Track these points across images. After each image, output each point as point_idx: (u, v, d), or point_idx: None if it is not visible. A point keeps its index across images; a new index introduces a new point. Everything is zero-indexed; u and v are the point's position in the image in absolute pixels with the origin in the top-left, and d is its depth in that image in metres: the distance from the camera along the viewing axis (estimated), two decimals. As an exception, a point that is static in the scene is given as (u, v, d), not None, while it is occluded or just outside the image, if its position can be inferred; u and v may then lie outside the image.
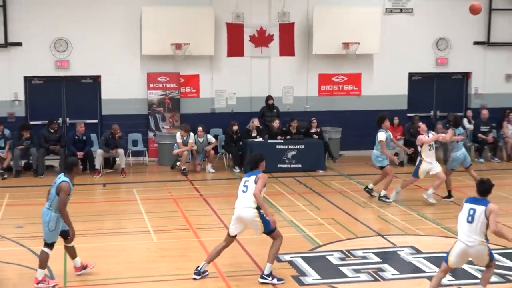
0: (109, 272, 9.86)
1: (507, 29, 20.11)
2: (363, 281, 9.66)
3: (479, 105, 19.90)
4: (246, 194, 9.39)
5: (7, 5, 17.42)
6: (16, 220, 13.10)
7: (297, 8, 19.04)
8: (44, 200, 9.65)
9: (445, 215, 13.24)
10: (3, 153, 16.84)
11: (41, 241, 10.05)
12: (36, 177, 16.94)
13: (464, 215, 8.51)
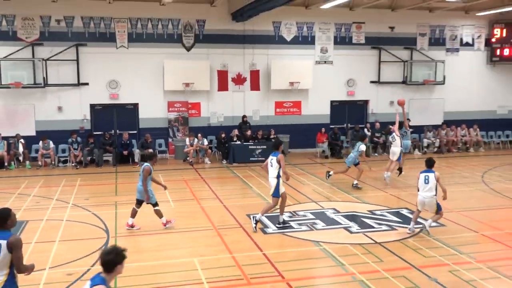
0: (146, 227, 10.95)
1: (390, 74, 22.27)
2: (304, 230, 10.79)
3: (374, 120, 21.99)
4: (272, 167, 10.72)
5: (79, 58, 19.03)
6: (85, 194, 14.16)
7: (261, 61, 20.79)
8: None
9: (353, 189, 14.95)
10: (76, 152, 18.35)
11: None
12: (97, 168, 18.29)
13: (422, 180, 10.31)
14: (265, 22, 20.75)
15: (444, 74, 22.76)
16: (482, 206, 13.27)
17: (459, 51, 23.50)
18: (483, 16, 23.32)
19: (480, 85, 23.94)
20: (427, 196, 10.47)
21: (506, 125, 24.16)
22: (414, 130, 21.89)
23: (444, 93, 23.28)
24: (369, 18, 21.98)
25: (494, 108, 24.28)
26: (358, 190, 14.82)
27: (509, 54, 23.57)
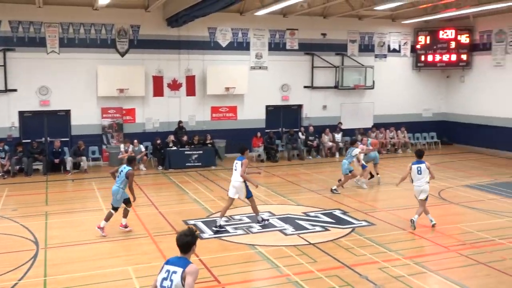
0: (78, 237, 10.75)
1: (323, 79, 22.75)
2: (239, 234, 10.84)
3: (308, 124, 22.28)
4: (236, 171, 11.08)
5: (7, 64, 18.26)
6: (13, 205, 13.64)
7: (197, 66, 20.64)
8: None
9: (289, 191, 15.18)
10: (4, 161, 17.64)
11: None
12: (26, 177, 17.54)
13: (415, 171, 11.20)
14: (200, 28, 20.71)
15: (374, 79, 23.54)
16: (410, 204, 13.75)
17: (387, 57, 24.36)
18: (409, 24, 24.30)
19: (407, 90, 24.92)
20: (422, 184, 11.24)
21: (431, 127, 25.24)
22: (346, 133, 22.72)
23: (374, 97, 24.06)
24: (302, 25, 22.39)
25: (420, 111, 25.34)
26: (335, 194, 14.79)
27: (432, 60, 24.71)
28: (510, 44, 22.32)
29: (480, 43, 23.87)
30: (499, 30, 22.84)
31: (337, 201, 14.11)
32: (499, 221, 12.19)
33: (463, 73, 24.80)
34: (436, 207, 13.51)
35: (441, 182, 16.35)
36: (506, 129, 22.42)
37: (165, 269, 5.17)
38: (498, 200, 14.18)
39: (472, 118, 24.26)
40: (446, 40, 24.43)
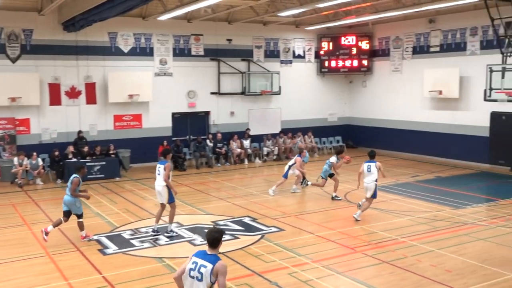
0: None
1: (229, 85, 22.96)
2: (146, 247, 10.68)
3: (215, 131, 22.33)
4: (160, 176, 11.24)
5: None
6: None
7: (97, 73, 20.10)
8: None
9: (197, 200, 15.15)
10: None
11: None
12: None
13: (365, 169, 12.46)
14: (99, 33, 20.15)
15: (280, 84, 24.08)
16: (317, 208, 14.25)
17: (292, 63, 25.02)
18: (312, 31, 25.15)
19: (312, 95, 25.74)
20: (370, 181, 12.47)
21: (336, 131, 26.27)
22: (254, 139, 23.01)
23: (281, 102, 24.60)
24: (207, 30, 22.45)
25: (325, 115, 26.29)
26: (249, 202, 14.89)
27: (335, 65, 25.74)
28: (406, 50, 23.82)
29: (379, 49, 25.24)
30: (396, 36, 24.29)
31: (246, 208, 14.24)
32: (400, 220, 12.90)
33: (364, 78, 26.08)
34: (343, 210, 14.05)
35: (347, 185, 17.01)
36: (405, 131, 23.85)
37: (193, 260, 5.53)
38: (399, 200, 15.01)
39: (374, 121, 25.55)
40: (348, 46, 25.57)
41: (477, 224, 12.48)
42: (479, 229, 12.05)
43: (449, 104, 21.88)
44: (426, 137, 22.76)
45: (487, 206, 14.49)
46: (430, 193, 15.87)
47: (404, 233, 11.70)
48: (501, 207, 14.15)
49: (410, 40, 23.61)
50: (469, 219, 12.93)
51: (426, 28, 22.76)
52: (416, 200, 15.03)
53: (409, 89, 23.65)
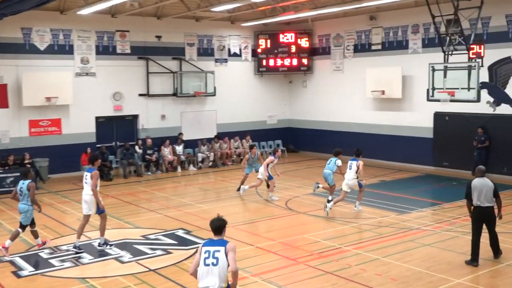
0: None
1: (160, 86, 22.81)
2: (67, 267, 10.40)
3: (145, 136, 22.08)
4: (87, 185, 11.24)
5: None
6: None
7: (9, 73, 19.42)
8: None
9: (126, 213, 14.95)
10: None
11: None
12: None
13: (348, 166, 14.31)
14: (11, 28, 19.44)
15: (215, 85, 24.11)
16: (257, 218, 14.34)
17: (227, 62, 25.11)
18: (248, 27, 25.33)
19: (250, 96, 25.93)
20: (350, 178, 14.27)
21: (276, 134, 26.55)
22: (187, 144, 22.92)
23: (216, 104, 24.62)
24: (134, 26, 22.17)
25: (264, 118, 26.53)
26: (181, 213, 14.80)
27: (274, 64, 26.03)
28: (347, 48, 24.44)
29: (319, 47, 25.77)
30: (336, 34, 24.89)
31: (180, 220, 14.14)
32: (344, 227, 13.21)
33: (305, 77, 26.54)
34: (283, 218, 14.22)
35: (287, 192, 17.23)
36: (348, 133, 24.43)
37: (204, 250, 6.56)
38: (342, 207, 15.33)
39: (315, 123, 26.02)
40: (286, 44, 25.94)
41: (422, 229, 12.96)
42: (424, 235, 12.51)
43: (392, 105, 22.62)
44: (369, 139, 23.39)
45: (432, 210, 15.07)
46: (374, 198, 16.30)
47: (348, 241, 11.97)
48: (446, 211, 14.76)
49: (351, 37, 24.25)
50: (414, 224, 13.40)
51: (367, 25, 23.46)
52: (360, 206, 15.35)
53: (351, 89, 24.28)
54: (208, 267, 6.42)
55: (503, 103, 19.20)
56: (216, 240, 6.65)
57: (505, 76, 19.05)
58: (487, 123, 19.43)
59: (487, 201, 10.32)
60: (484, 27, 19.40)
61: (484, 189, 10.30)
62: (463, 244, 11.57)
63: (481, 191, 10.31)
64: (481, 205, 10.36)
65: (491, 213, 10.42)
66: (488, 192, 10.29)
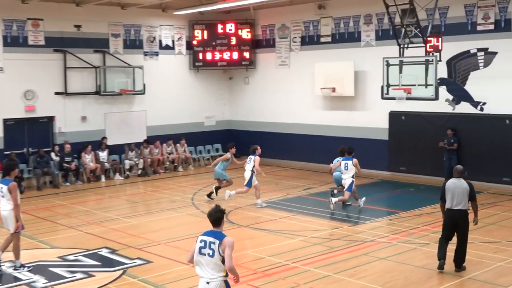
0: None
1: (80, 83, 22.45)
2: None
3: (63, 141, 21.68)
4: (4, 198, 11.23)
5: None
6: None
7: None
8: None
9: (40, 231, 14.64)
10: None
11: None
12: None
13: (342, 166, 15.94)
14: None
15: (144, 82, 23.89)
16: (192, 233, 14.12)
17: (159, 55, 24.94)
18: (182, 16, 25.22)
19: (184, 94, 25.85)
20: (347, 178, 15.86)
21: (214, 137, 26.54)
22: (113, 150, 22.73)
23: (146, 104, 24.40)
24: (49, 14, 21.73)
25: (201, 119, 26.49)
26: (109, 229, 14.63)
27: (212, 58, 26.00)
28: (294, 40, 24.71)
29: (263, 39, 25.96)
30: (281, 24, 25.14)
31: (104, 237, 13.94)
32: (291, 242, 13.30)
33: (247, 73, 26.67)
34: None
35: (228, 203, 17.19)
36: (295, 136, 24.69)
37: (200, 239, 7.27)
38: (290, 218, 15.47)
39: (259, 125, 26.20)
40: (226, 35, 25.99)
41: (377, 241, 13.21)
42: (380, 247, 12.75)
43: (343, 103, 23.03)
44: (319, 142, 23.71)
45: (388, 220, 15.40)
46: (325, 208, 16.47)
47: (296, 257, 12.05)
48: (403, 220, 15.11)
49: (298, 28, 24.54)
50: (369, 236, 13.65)
51: (315, 15, 23.80)
52: (309, 217, 15.58)
53: (298, 86, 24.56)
54: (204, 257, 7.19)
55: (462, 101, 19.86)
56: (215, 232, 7.29)
57: (465, 71, 19.72)
58: (446, 123, 20.02)
59: (461, 204, 10.57)
60: (442, 17, 20.03)
61: (457, 191, 10.57)
62: (422, 257, 11.87)
63: (454, 193, 10.59)
64: (452, 208, 10.63)
65: (464, 217, 10.64)
66: (462, 195, 10.55)
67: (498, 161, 18.89)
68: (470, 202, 10.72)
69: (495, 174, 18.93)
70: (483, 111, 19.41)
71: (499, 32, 18.84)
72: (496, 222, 14.61)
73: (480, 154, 19.21)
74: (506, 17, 18.64)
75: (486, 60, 19.20)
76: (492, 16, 18.92)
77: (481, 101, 19.45)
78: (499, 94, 18.93)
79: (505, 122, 18.77)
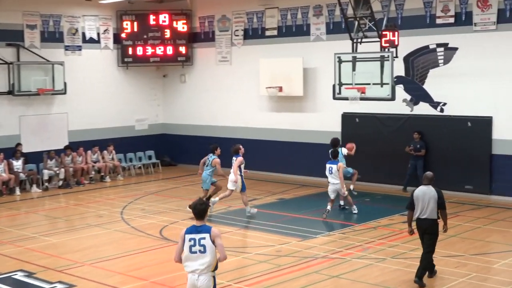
0: None
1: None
2: None
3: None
4: None
5: None
6: None
7: None
8: None
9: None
10: None
11: None
12: None
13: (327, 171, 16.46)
14: None
15: (65, 80, 23.68)
16: (121, 251, 14.16)
17: (82, 50, 24.76)
18: (109, 5, 25.12)
19: (112, 94, 25.73)
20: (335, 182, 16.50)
21: (147, 143, 26.49)
22: (29, 158, 22.40)
23: (67, 106, 24.17)
24: (-48, 2, 21.33)
25: (132, 122, 26.38)
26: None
27: (143, 53, 25.89)
28: (236, 34, 24.87)
29: (201, 32, 26.05)
30: (222, 16, 25.27)
31: (19, 259, 13.71)
32: (234, 259, 13.35)
33: (183, 70, 26.71)
34: (157, 251, 14.20)
35: (163, 217, 17.20)
36: (239, 141, 24.66)
37: (188, 238, 8.03)
38: (233, 233, 15.57)
39: (197, 129, 26.28)
40: (159, 27, 25.93)
41: (329, 257, 13.43)
42: (332, 264, 12.97)
43: (292, 104, 23.30)
44: (264, 147, 23.89)
45: (341, 233, 15.64)
46: (272, 221, 16.68)
47: (239, 276, 12.14)
48: (357, 234, 15.40)
49: (241, 20, 24.71)
50: (320, 251, 13.86)
51: (259, 6, 24.03)
52: (254, 232, 15.75)
53: (241, 85, 24.74)
54: (196, 254, 7.97)
55: (421, 101, 20.39)
56: (200, 226, 8.03)
57: (423, 69, 20.27)
58: (404, 125, 20.49)
59: (429, 213, 11.20)
60: (398, 9, 20.54)
61: (427, 199, 11.19)
62: (378, 274, 12.14)
63: (423, 201, 11.22)
64: (420, 217, 11.28)
65: (433, 225, 11.32)
66: (431, 203, 11.17)
67: (460, 167, 19.46)
68: (439, 210, 11.26)
69: (457, 181, 19.51)
70: (443, 112, 19.97)
71: (459, 26, 19.44)
72: (457, 234, 15.02)
73: (441, 160, 19.76)
74: (467, 9, 19.24)
75: (446, 57, 19.79)
76: (452, 9, 19.50)
77: (441, 101, 20.02)
78: (460, 94, 19.52)
79: (467, 124, 19.36)
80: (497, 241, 14.58)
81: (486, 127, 19.07)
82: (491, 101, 18.98)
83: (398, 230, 15.51)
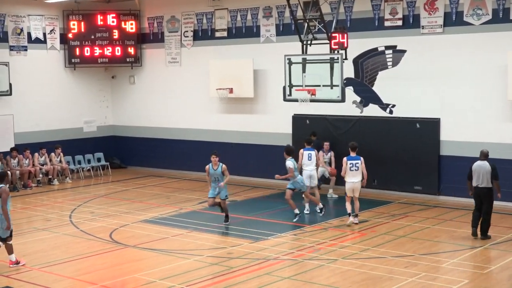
0: None
1: None
2: None
3: None
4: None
5: None
6: None
7: None
8: None
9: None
10: None
11: None
12: None
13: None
14: None
15: (10, 81, 23.40)
16: (71, 255, 14.01)
17: (27, 50, 24.44)
18: (55, 5, 24.86)
19: (59, 95, 25.47)
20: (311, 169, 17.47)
21: (96, 145, 26.28)
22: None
23: (13, 107, 23.87)
24: None
25: (80, 124, 26.13)
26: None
27: (91, 54, 25.64)
28: (185, 35, 24.85)
29: (150, 32, 25.93)
30: (171, 16, 25.21)
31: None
32: (186, 262, 13.39)
33: (132, 72, 26.55)
34: (107, 254, 14.10)
35: (113, 220, 17.08)
36: (190, 143, 24.78)
37: None
38: (184, 236, 15.55)
39: (147, 131, 26.16)
40: (106, 27, 25.72)
41: (281, 258, 13.53)
42: (284, 265, 13.08)
43: (242, 106, 23.38)
44: (215, 149, 23.63)
45: (293, 235, 15.78)
46: (223, 223, 16.72)
47: (190, 279, 12.13)
48: (309, 235, 15.56)
49: (190, 21, 24.69)
50: (272, 253, 13.95)
51: (209, 6, 24.06)
52: (205, 234, 15.72)
53: (191, 86, 24.73)
54: None
55: (371, 103, 20.70)
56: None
57: (373, 71, 20.57)
58: (353, 126, 20.77)
59: (484, 183, 14.27)
60: (347, 12, 20.79)
61: (481, 172, 14.25)
62: (329, 275, 12.30)
63: (479, 173, 14.28)
64: (478, 185, 14.40)
65: (487, 193, 14.39)
66: (485, 175, 14.22)
67: (409, 168, 19.79)
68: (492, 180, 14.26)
69: (406, 182, 19.89)
70: (392, 114, 20.32)
71: (407, 28, 19.81)
72: (407, 234, 15.31)
73: (390, 161, 20.08)
74: (414, 12, 19.63)
75: (395, 59, 20.12)
76: (400, 12, 19.86)
77: (390, 103, 20.36)
78: (409, 96, 19.88)
79: (415, 126, 19.73)
80: (445, 241, 14.88)
81: (434, 129, 19.45)
82: (439, 103, 19.36)
83: (350, 231, 15.74)
